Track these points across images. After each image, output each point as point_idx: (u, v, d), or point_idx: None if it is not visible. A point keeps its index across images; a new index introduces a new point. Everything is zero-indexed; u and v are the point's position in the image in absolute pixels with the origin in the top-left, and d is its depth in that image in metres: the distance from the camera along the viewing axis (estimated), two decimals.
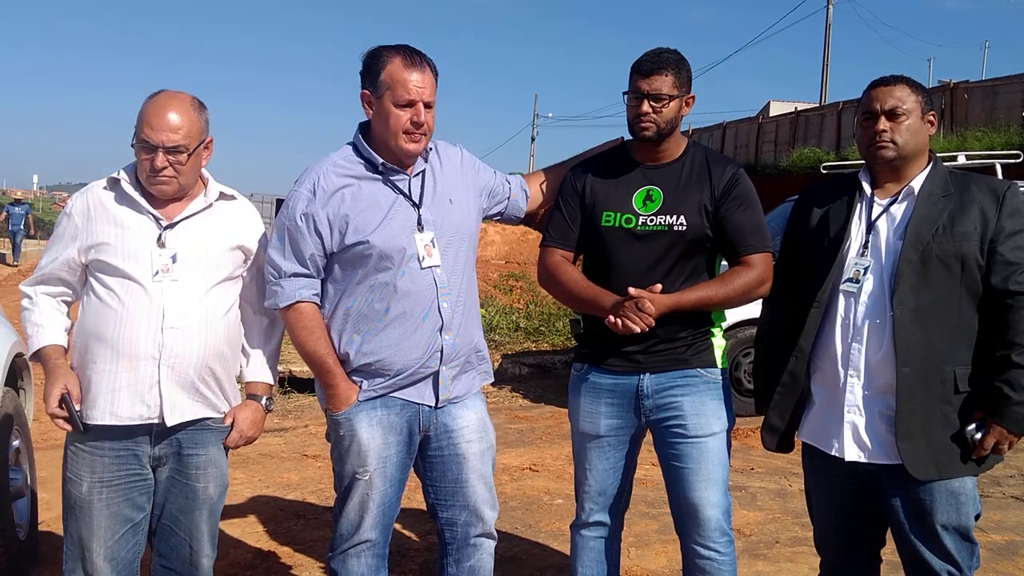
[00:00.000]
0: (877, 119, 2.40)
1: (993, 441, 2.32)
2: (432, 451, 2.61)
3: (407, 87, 2.42)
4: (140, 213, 2.42)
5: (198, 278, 2.42)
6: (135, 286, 2.37)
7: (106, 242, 2.39)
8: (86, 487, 2.40)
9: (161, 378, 2.37)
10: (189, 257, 2.42)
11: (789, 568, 3.84)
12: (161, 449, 2.44)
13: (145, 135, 2.34)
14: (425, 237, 2.49)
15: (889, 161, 2.42)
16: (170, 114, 2.35)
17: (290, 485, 4.99)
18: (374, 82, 2.45)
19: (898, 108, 2.38)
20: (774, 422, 2.59)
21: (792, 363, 2.51)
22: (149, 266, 2.38)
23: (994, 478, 5.01)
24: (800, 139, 23.03)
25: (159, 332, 2.36)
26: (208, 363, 2.44)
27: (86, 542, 2.42)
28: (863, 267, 2.41)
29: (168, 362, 2.37)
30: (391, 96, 2.43)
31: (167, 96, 2.40)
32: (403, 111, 2.43)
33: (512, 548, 3.99)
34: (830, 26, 27.96)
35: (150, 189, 2.41)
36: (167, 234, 2.41)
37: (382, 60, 2.45)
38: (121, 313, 2.36)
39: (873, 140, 2.41)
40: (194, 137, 2.39)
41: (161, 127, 2.34)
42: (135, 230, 2.40)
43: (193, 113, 2.40)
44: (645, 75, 2.54)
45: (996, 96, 17.77)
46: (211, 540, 2.55)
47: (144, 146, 2.35)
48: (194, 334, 2.40)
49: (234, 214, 2.56)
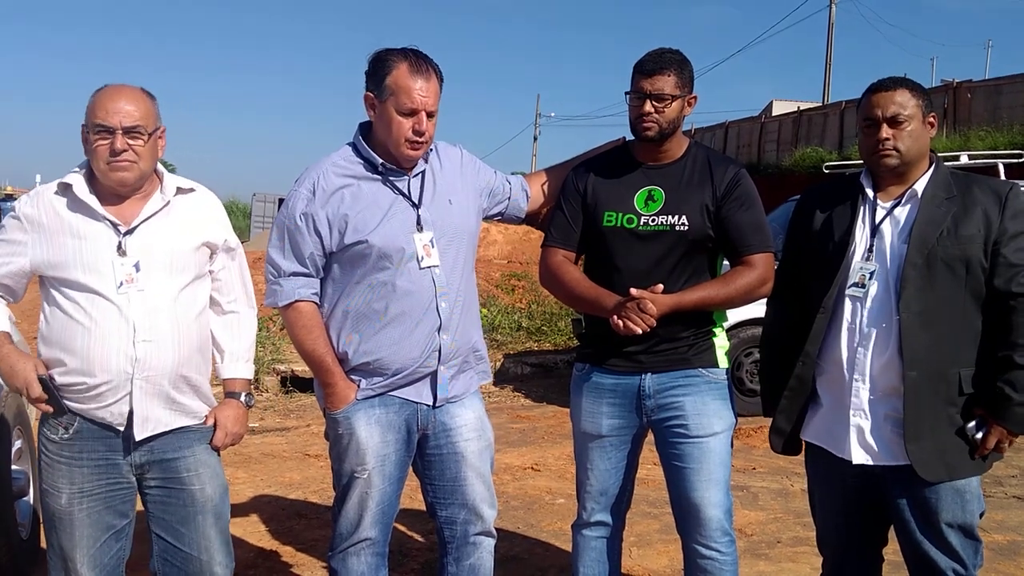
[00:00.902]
0: (879, 126, 2.39)
1: (995, 440, 2.34)
2: (430, 449, 2.61)
3: (411, 95, 2.41)
4: (96, 220, 2.31)
5: (165, 285, 2.34)
6: (100, 299, 2.27)
7: (63, 256, 2.28)
8: (65, 499, 2.33)
9: (133, 391, 2.29)
10: (153, 264, 2.32)
11: (791, 568, 3.84)
12: (141, 456, 2.36)
13: (100, 119, 2.25)
14: (424, 237, 2.49)
15: (893, 168, 2.41)
16: (123, 98, 2.28)
17: (292, 484, 5.00)
18: (379, 85, 2.44)
19: (900, 115, 2.37)
20: (782, 426, 2.58)
21: (799, 368, 2.51)
22: (112, 277, 2.28)
23: (996, 478, 5.01)
24: (803, 139, 23.01)
25: (131, 346, 2.27)
26: (182, 371, 2.37)
27: (68, 552, 2.34)
28: (868, 272, 2.40)
29: (142, 375, 2.29)
30: (395, 102, 2.42)
31: (116, 86, 2.33)
32: (406, 119, 2.43)
33: (514, 547, 3.99)
34: (833, 25, 28.00)
35: (111, 178, 2.29)
36: (127, 240, 2.31)
37: (388, 64, 2.44)
38: (90, 327, 2.27)
39: (876, 148, 2.40)
40: (150, 120, 2.31)
41: (116, 110, 2.25)
42: (92, 240, 2.29)
43: (145, 98, 2.33)
44: (648, 75, 2.53)
45: (999, 96, 17.73)
46: (224, 547, 2.46)
47: (101, 130, 2.25)
48: (167, 344, 2.32)
49: (194, 208, 2.45)
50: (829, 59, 28.04)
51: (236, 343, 2.56)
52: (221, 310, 2.54)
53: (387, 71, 2.43)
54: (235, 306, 2.56)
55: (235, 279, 2.56)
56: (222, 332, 2.54)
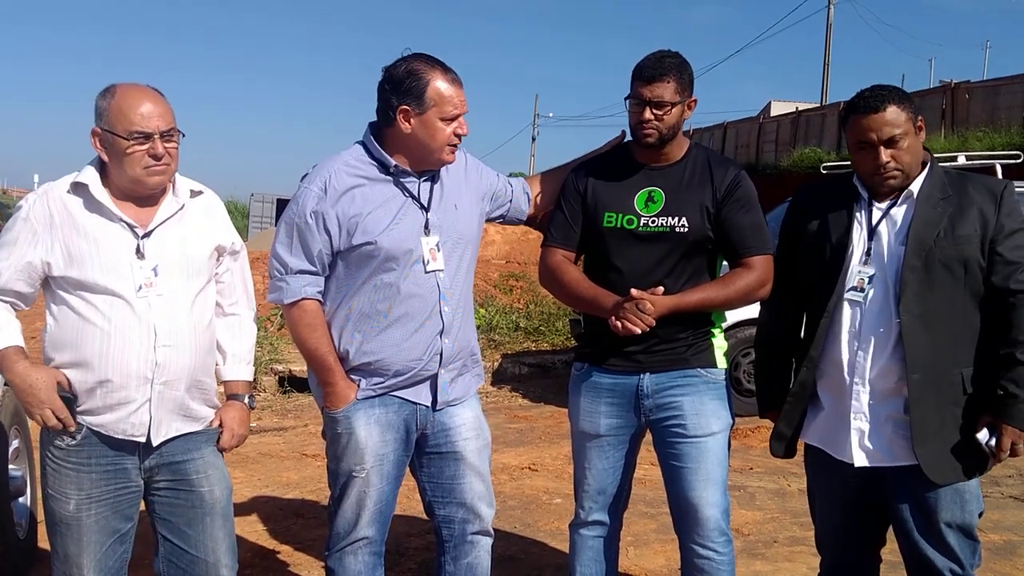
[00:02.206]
0: (876, 149, 2.35)
1: (1009, 443, 2.30)
2: (429, 449, 2.61)
3: (454, 103, 2.47)
4: (112, 221, 2.27)
5: (183, 289, 2.33)
6: (120, 302, 2.24)
7: (80, 256, 2.24)
8: (73, 505, 2.29)
9: (152, 397, 2.28)
10: (172, 268, 2.31)
11: (787, 567, 3.84)
12: (151, 460, 2.35)
13: (138, 125, 2.22)
14: (431, 241, 2.50)
15: (897, 187, 2.39)
16: (150, 102, 2.25)
17: (289, 484, 5.00)
18: (420, 98, 2.44)
19: (895, 135, 2.33)
20: (783, 431, 2.58)
21: (804, 373, 2.50)
22: (131, 280, 2.25)
23: (993, 478, 5.01)
24: (801, 139, 23.00)
25: (151, 351, 2.25)
26: (197, 376, 2.37)
27: (75, 559, 2.32)
28: (867, 275, 2.39)
29: (161, 381, 2.28)
30: (438, 112, 2.45)
31: (134, 87, 2.28)
32: (449, 124, 2.47)
33: (511, 547, 3.99)
34: (831, 26, 27.97)
35: (147, 183, 2.27)
36: (144, 243, 2.29)
37: (422, 76, 2.44)
38: (108, 330, 2.23)
39: (878, 171, 2.37)
40: (175, 120, 2.30)
41: (150, 114, 2.23)
42: (110, 241, 2.26)
43: (164, 99, 2.30)
44: (647, 82, 2.53)
45: (997, 96, 17.72)
46: (230, 548, 2.46)
47: (139, 137, 2.22)
48: (185, 350, 2.31)
49: (205, 211, 2.45)
50: (827, 60, 28.04)
51: (238, 345, 2.56)
52: (223, 312, 2.53)
53: (424, 83, 2.44)
54: (236, 308, 2.56)
55: (237, 281, 2.56)
56: (224, 334, 2.53)
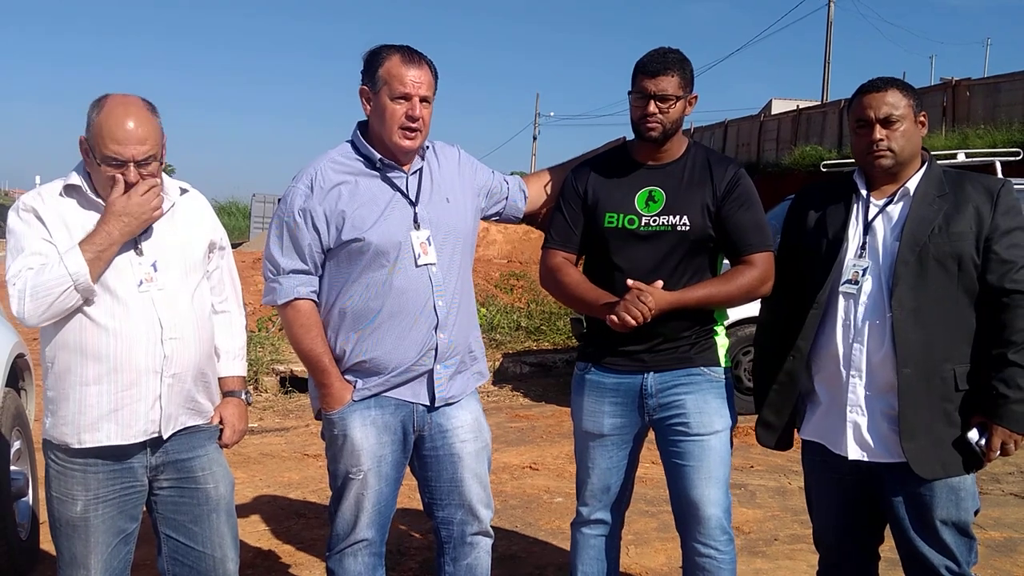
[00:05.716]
0: (872, 127, 2.40)
1: (999, 443, 2.31)
2: (427, 450, 2.62)
3: (403, 81, 2.44)
4: None
5: (182, 283, 2.36)
6: (122, 297, 2.26)
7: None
8: (81, 506, 2.30)
9: (163, 391, 2.30)
10: (169, 263, 2.34)
11: (788, 565, 3.85)
12: (158, 458, 2.37)
13: (113, 151, 2.20)
14: (421, 235, 2.50)
15: (887, 169, 2.43)
16: (133, 124, 2.21)
17: (291, 484, 5.01)
18: (372, 77, 2.48)
19: (892, 115, 2.38)
20: (769, 419, 2.60)
21: (789, 362, 2.52)
22: (132, 276, 2.28)
23: (993, 475, 5.02)
24: (802, 137, 22.99)
25: (159, 344, 2.28)
26: (202, 368, 2.40)
27: (83, 560, 2.32)
28: (861, 268, 2.41)
29: (170, 373, 2.31)
30: (388, 91, 2.45)
31: (122, 104, 2.24)
32: (399, 104, 2.45)
33: (512, 546, 4.00)
34: (832, 24, 27.96)
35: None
36: (141, 239, 2.31)
37: (381, 57, 2.48)
38: (115, 327, 2.25)
39: (870, 149, 2.41)
40: (159, 142, 2.28)
41: (128, 140, 2.20)
42: None
43: (152, 118, 2.28)
44: (651, 76, 2.54)
45: (998, 93, 17.71)
46: (234, 542, 2.49)
47: (114, 163, 2.22)
48: (191, 342, 2.35)
49: (193, 208, 2.47)
50: (828, 58, 28.03)
51: (231, 341, 2.58)
52: (214, 310, 2.55)
53: (380, 63, 2.47)
54: (227, 305, 2.58)
55: (226, 278, 2.59)
56: (218, 332, 2.54)
